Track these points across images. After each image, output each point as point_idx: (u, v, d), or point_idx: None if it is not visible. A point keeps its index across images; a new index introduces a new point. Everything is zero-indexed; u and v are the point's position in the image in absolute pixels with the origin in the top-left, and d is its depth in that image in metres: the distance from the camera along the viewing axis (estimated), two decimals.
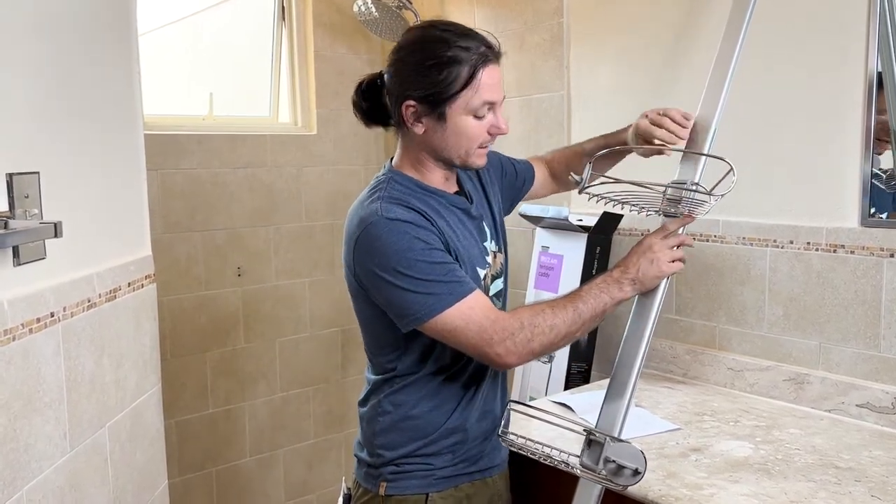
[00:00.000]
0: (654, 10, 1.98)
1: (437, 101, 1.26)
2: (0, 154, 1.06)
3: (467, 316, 1.23)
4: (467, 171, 1.46)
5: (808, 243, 1.71)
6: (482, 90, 1.26)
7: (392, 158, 1.40)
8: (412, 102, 1.27)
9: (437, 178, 1.36)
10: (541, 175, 1.67)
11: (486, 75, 1.26)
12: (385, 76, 1.33)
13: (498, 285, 1.42)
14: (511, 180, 1.59)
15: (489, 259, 1.39)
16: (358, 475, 1.42)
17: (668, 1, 1.95)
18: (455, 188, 1.40)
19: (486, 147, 1.33)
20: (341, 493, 1.45)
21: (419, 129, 1.30)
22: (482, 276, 1.36)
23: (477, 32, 1.29)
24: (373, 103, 1.35)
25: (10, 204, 1.06)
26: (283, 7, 2.69)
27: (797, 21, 1.70)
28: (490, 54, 1.27)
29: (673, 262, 1.29)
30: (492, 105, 1.29)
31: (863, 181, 1.61)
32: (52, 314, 1.16)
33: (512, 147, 2.39)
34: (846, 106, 1.63)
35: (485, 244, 1.39)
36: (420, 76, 1.26)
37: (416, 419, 1.35)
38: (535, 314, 1.25)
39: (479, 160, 1.34)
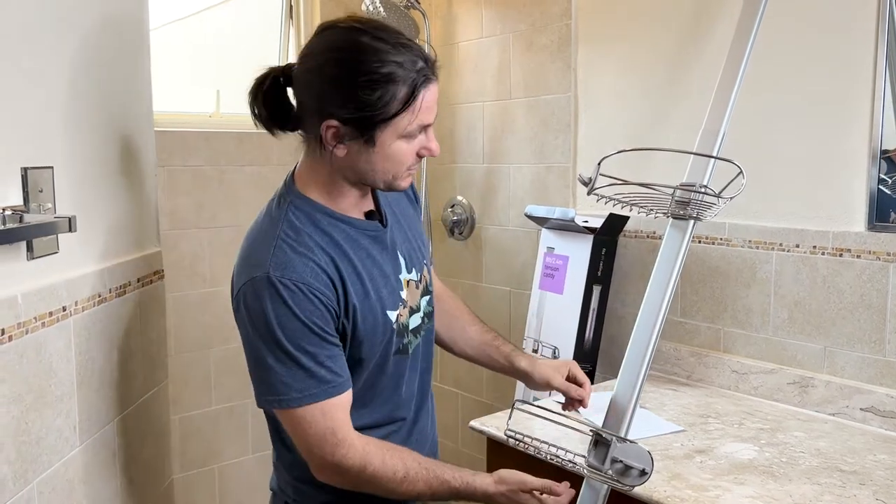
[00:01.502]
0: (662, 13, 1.99)
1: (366, 125, 1.08)
2: (15, 148, 1.06)
3: (317, 423, 1.11)
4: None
5: (814, 247, 1.71)
6: (421, 113, 1.11)
7: (293, 171, 1.22)
8: (335, 123, 1.08)
9: (349, 203, 1.20)
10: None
11: (426, 96, 1.10)
12: (295, 80, 1.13)
13: (416, 320, 1.28)
14: None
15: (404, 294, 1.24)
16: (275, 478, 1.31)
17: (677, 5, 1.95)
18: (368, 207, 1.24)
19: (415, 167, 1.19)
20: None
21: (340, 152, 1.12)
22: (394, 319, 1.21)
23: (411, 42, 1.11)
24: (275, 108, 1.15)
25: (24, 198, 1.07)
26: (290, 5, 2.70)
27: (806, 26, 1.70)
28: (429, 71, 1.11)
29: None
30: (426, 127, 1.15)
31: (869, 185, 1.62)
32: (65, 308, 1.16)
33: (519, 148, 2.41)
34: (853, 109, 1.63)
35: (399, 276, 1.24)
36: (347, 94, 1.07)
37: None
38: (388, 470, 1.14)
39: (405, 182, 1.19)
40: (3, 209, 1.02)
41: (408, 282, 1.26)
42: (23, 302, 1.05)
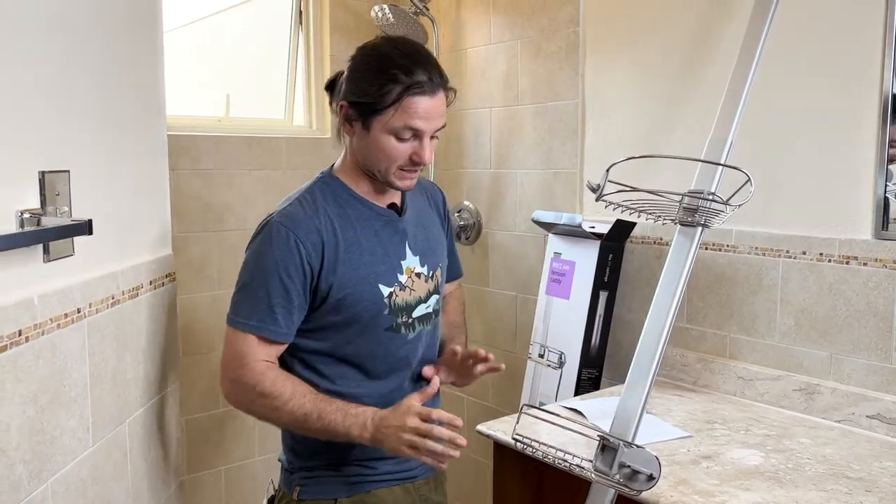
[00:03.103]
0: (670, 20, 2.00)
1: (365, 111, 1.30)
2: (33, 152, 1.08)
3: (238, 345, 1.30)
4: (430, 195, 1.54)
5: (821, 254, 1.72)
6: (406, 115, 1.28)
7: (336, 161, 1.44)
8: (345, 104, 1.32)
9: (370, 188, 1.39)
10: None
11: (415, 103, 1.27)
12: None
13: (423, 309, 1.43)
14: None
15: (402, 278, 1.39)
16: (280, 479, 1.47)
17: (685, 11, 1.96)
18: (393, 200, 1.43)
19: (410, 171, 1.35)
20: (266, 496, 1.49)
21: (349, 132, 1.35)
22: (385, 294, 1.36)
23: (429, 63, 1.30)
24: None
25: (41, 201, 1.08)
26: (300, 11, 2.72)
27: (814, 34, 1.71)
28: (426, 84, 1.28)
29: (410, 446, 1.23)
30: (416, 132, 1.30)
31: (876, 193, 1.63)
32: (79, 310, 1.18)
33: (526, 154, 2.42)
34: (861, 118, 1.64)
35: (402, 262, 1.40)
36: (358, 82, 1.31)
37: None
38: (275, 389, 1.28)
39: (401, 182, 1.36)
40: (21, 212, 1.03)
41: (416, 273, 1.42)
42: (39, 303, 1.07)
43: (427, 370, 1.46)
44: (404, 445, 1.24)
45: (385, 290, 1.37)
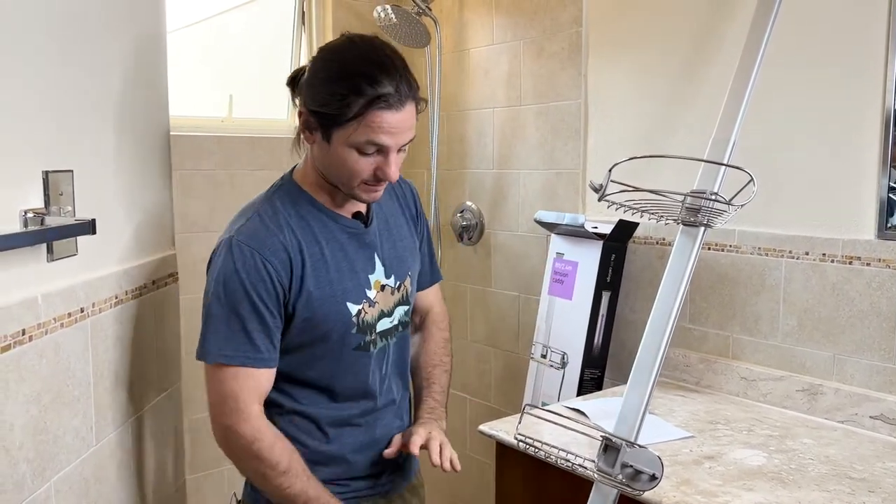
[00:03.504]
0: (673, 21, 2.00)
1: (324, 121, 1.18)
2: (37, 152, 1.08)
3: (225, 385, 1.20)
4: (398, 192, 1.42)
5: (824, 254, 1.72)
6: (369, 129, 1.16)
7: (297, 164, 1.34)
8: (304, 111, 1.21)
9: (333, 197, 1.29)
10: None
11: (379, 117, 1.16)
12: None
13: (386, 323, 1.34)
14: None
15: (371, 294, 1.30)
16: (244, 493, 1.38)
17: (688, 12, 1.96)
18: (358, 209, 1.32)
19: (374, 185, 1.24)
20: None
21: (309, 140, 1.24)
22: (354, 312, 1.28)
23: (396, 71, 1.17)
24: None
25: (45, 201, 1.08)
26: (302, 12, 2.72)
27: (816, 34, 1.71)
28: (392, 98, 1.16)
29: None
30: (381, 148, 1.19)
31: (879, 193, 1.63)
32: (82, 309, 1.18)
33: (529, 154, 2.42)
34: (864, 117, 1.64)
35: (370, 276, 1.31)
36: (318, 89, 1.19)
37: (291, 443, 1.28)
38: (272, 461, 1.20)
39: (366, 195, 1.26)
40: (25, 212, 1.04)
41: (382, 285, 1.33)
42: (43, 303, 1.07)
43: (389, 451, 1.35)
44: None
45: (353, 309, 1.28)
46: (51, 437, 1.10)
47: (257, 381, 1.22)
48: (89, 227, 1.09)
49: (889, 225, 1.62)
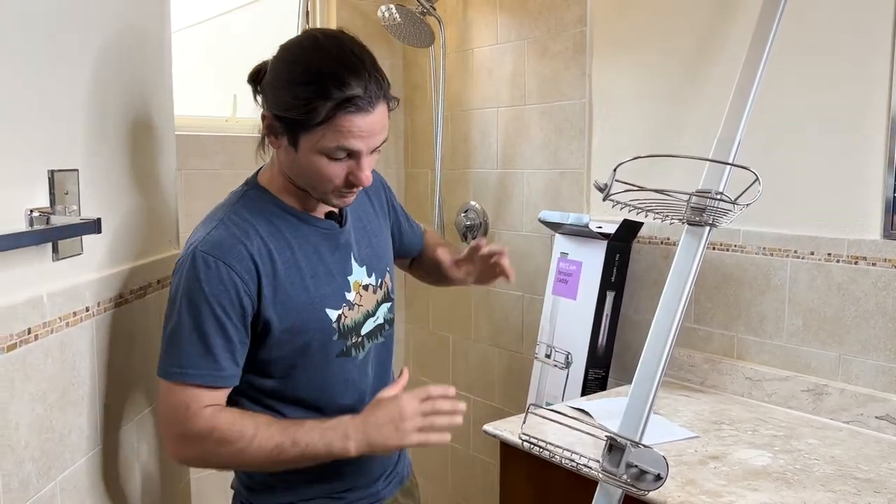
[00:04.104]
0: (677, 20, 2.00)
1: (290, 127, 1.12)
2: (42, 151, 1.08)
3: (178, 397, 1.12)
4: (367, 190, 1.36)
5: (829, 254, 1.72)
6: (338, 134, 1.10)
7: (263, 166, 1.28)
8: (269, 115, 1.15)
9: (303, 199, 1.22)
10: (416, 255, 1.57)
11: (349, 121, 1.09)
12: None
13: (370, 325, 1.29)
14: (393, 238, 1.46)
15: (350, 296, 1.25)
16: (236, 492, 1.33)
17: (692, 11, 1.96)
18: (328, 209, 1.26)
19: (347, 191, 1.18)
20: None
21: (275, 146, 1.17)
22: (334, 318, 1.22)
23: (364, 68, 1.10)
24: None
25: (50, 200, 1.09)
26: (307, 11, 2.72)
27: (822, 33, 1.71)
28: (362, 100, 1.09)
29: (420, 430, 1.16)
30: (352, 153, 1.13)
31: (885, 193, 1.62)
32: (88, 309, 1.18)
33: (533, 154, 2.42)
34: (870, 117, 1.63)
35: (348, 278, 1.26)
36: (282, 92, 1.12)
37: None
38: (236, 430, 1.11)
39: (339, 201, 1.20)
40: (30, 211, 1.04)
41: (364, 286, 1.28)
42: (48, 302, 1.07)
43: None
44: (411, 434, 1.15)
45: (333, 314, 1.22)
46: (56, 435, 1.10)
47: (212, 396, 1.15)
48: (94, 227, 1.09)
49: (895, 225, 1.61)
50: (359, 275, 1.28)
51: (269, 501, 1.26)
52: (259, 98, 1.20)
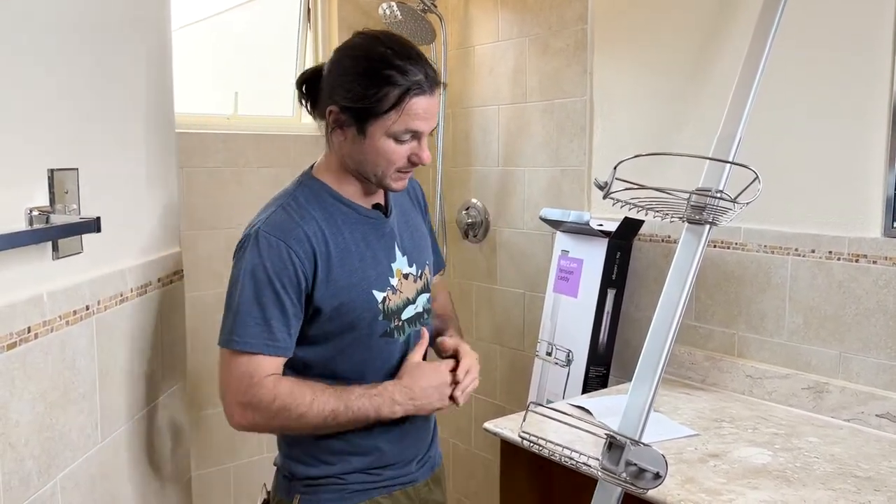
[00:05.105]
0: (678, 17, 1.99)
1: (360, 116, 1.23)
2: (42, 150, 1.09)
3: (241, 368, 1.23)
4: (409, 191, 1.47)
5: (830, 252, 1.71)
6: (407, 118, 1.22)
7: (314, 163, 1.38)
8: (335, 109, 1.25)
9: (355, 190, 1.34)
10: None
11: (416, 104, 1.22)
12: (324, 72, 1.30)
13: (411, 311, 1.38)
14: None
15: (394, 281, 1.35)
16: (275, 484, 1.42)
17: (693, 8, 1.96)
18: (377, 200, 1.37)
19: (405, 172, 1.30)
20: (259, 500, 1.44)
21: (338, 137, 1.28)
22: (379, 299, 1.32)
23: (421, 58, 1.25)
24: (313, 97, 1.33)
25: (50, 199, 1.09)
26: (308, 9, 2.72)
27: (823, 31, 1.70)
28: (425, 84, 1.23)
29: (451, 398, 1.32)
30: (416, 133, 1.25)
31: (886, 191, 1.62)
32: (88, 307, 1.19)
33: (534, 151, 2.42)
34: (871, 115, 1.63)
35: (392, 265, 1.35)
36: (350, 85, 1.23)
37: (324, 436, 1.32)
38: (295, 397, 1.23)
39: (396, 184, 1.31)
40: (30, 210, 1.04)
41: (405, 274, 1.38)
42: (48, 301, 1.07)
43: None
44: (447, 399, 1.31)
45: (379, 296, 1.32)
46: (57, 434, 1.10)
47: (271, 367, 1.25)
48: (94, 226, 1.09)
49: None
50: (401, 263, 1.38)
51: (308, 473, 1.35)
52: (304, 101, 1.33)
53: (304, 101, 1.35)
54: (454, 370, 1.34)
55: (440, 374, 1.32)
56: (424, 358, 1.38)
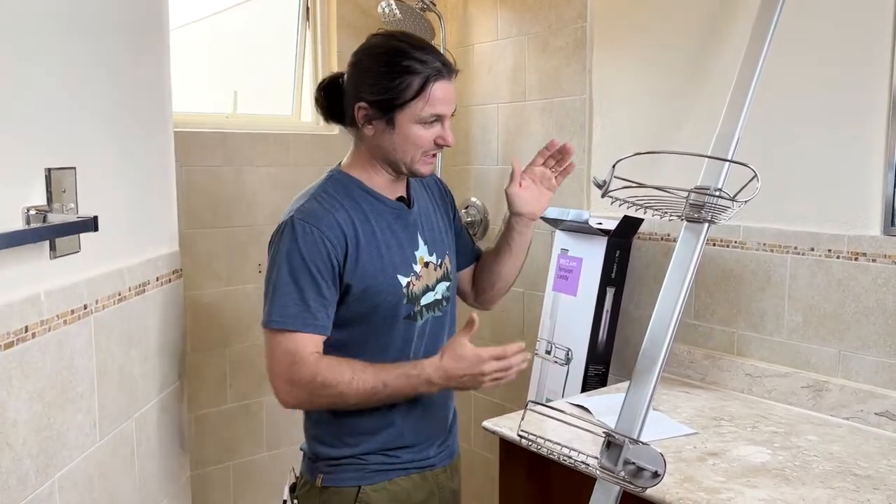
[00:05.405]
0: (677, 15, 1.99)
1: (387, 107, 1.34)
2: (39, 149, 1.08)
3: (283, 346, 1.31)
4: (426, 185, 1.55)
5: (830, 251, 1.71)
6: (432, 102, 1.33)
7: (342, 160, 1.46)
8: (364, 104, 1.35)
9: (382, 182, 1.43)
10: (470, 271, 1.67)
11: (437, 90, 1.33)
12: (344, 77, 1.41)
13: (430, 297, 1.45)
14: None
15: (417, 268, 1.43)
16: (302, 466, 1.49)
17: (692, 6, 1.95)
18: (400, 193, 1.46)
19: (432, 155, 1.40)
20: (288, 482, 1.50)
21: (369, 131, 1.37)
22: (404, 284, 1.40)
23: (435, 49, 1.37)
24: (333, 102, 1.43)
25: (48, 198, 1.09)
26: (307, 8, 2.72)
27: (823, 29, 1.70)
28: (444, 70, 1.34)
29: (494, 380, 1.33)
30: (440, 117, 1.36)
31: (886, 189, 1.61)
32: (86, 306, 1.19)
33: (533, 150, 2.40)
34: (870, 113, 1.63)
35: (415, 252, 1.44)
36: (374, 81, 1.34)
37: (344, 417, 1.40)
38: (336, 375, 1.30)
39: (424, 168, 1.40)
40: (28, 209, 1.04)
41: (426, 262, 1.45)
42: (46, 300, 1.07)
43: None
44: (486, 384, 1.33)
45: (403, 281, 1.40)
46: (54, 433, 1.10)
47: (312, 343, 1.33)
48: (92, 225, 1.09)
49: (895, 220, 1.60)
50: (423, 251, 1.46)
51: (330, 454, 1.41)
52: (322, 108, 1.43)
53: (322, 109, 1.44)
54: (499, 357, 1.34)
55: (479, 364, 1.32)
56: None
